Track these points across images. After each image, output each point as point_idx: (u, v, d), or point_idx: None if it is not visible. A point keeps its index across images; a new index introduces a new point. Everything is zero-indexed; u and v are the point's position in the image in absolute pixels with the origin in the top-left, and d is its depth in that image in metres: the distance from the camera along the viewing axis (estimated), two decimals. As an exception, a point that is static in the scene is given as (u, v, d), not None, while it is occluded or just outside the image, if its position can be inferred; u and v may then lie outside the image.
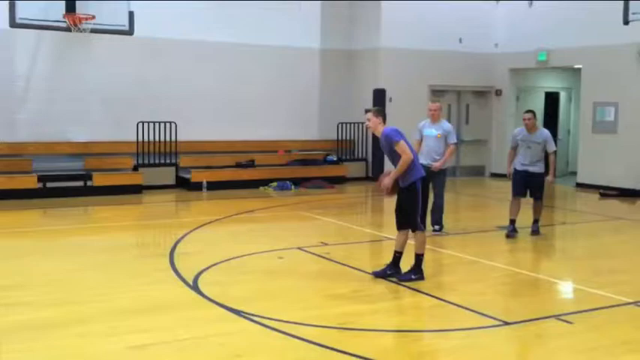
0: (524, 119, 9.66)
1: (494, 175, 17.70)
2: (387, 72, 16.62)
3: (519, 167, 9.71)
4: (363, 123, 16.16)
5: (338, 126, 16.84)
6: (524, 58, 16.92)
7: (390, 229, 10.06)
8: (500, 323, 5.81)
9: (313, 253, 8.42)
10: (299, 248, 8.69)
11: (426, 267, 7.29)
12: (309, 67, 17.14)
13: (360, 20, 17.18)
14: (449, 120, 12.44)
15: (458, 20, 17.07)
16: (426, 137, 9.67)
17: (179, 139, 14.97)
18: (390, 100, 16.34)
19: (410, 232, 7.11)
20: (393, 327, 6.02)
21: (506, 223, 9.76)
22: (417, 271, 7.09)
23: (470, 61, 17.40)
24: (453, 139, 9.65)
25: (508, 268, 8.02)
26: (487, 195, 15.48)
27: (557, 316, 5.98)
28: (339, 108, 17.19)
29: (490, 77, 17.86)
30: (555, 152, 9.78)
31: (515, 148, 9.85)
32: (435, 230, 9.67)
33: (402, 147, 6.92)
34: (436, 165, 9.43)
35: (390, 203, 10.81)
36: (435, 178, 9.45)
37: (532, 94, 18.00)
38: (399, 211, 7.16)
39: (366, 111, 7.33)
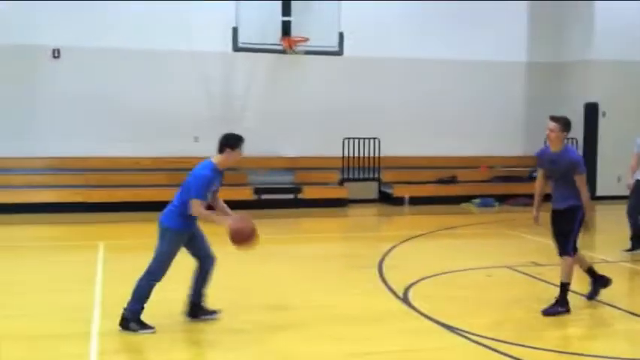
0: None
1: None
2: (600, 85, 15.73)
3: None
4: (571, 139, 15.64)
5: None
6: None
7: (605, 250, 9.54)
8: None
9: (524, 273, 8.19)
10: (508, 267, 8.50)
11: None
12: (515, 80, 16.74)
13: (570, 30, 16.43)
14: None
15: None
16: None
17: (382, 154, 15.31)
18: (604, 114, 15.44)
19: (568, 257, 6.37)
20: (618, 354, 5.58)
21: None
22: (562, 303, 6.37)
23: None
24: None
25: None
26: None
27: None
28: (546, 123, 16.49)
29: None
30: None
31: None
32: None
33: (583, 180, 6.26)
34: None
35: (606, 223, 10.26)
36: None
37: None
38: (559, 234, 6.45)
39: (552, 119, 6.40)
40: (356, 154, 15.21)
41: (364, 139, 15.26)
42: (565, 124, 6.31)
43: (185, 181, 5.84)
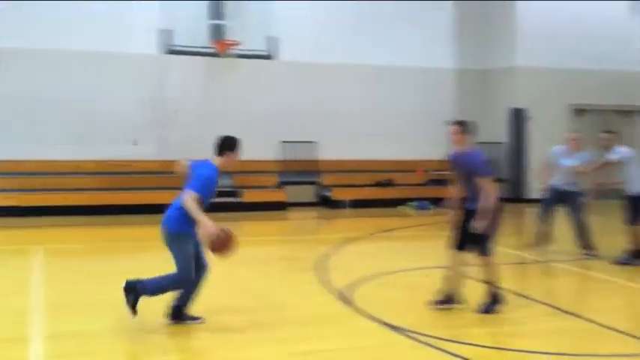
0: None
1: None
2: (524, 91, 16.39)
3: None
4: (500, 143, 16.22)
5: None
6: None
7: (537, 250, 9.98)
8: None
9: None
10: (444, 267, 8.78)
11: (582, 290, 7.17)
12: (446, 86, 17.24)
13: (495, 39, 17.05)
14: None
15: (596, 37, 16.52)
16: (561, 165, 9.67)
17: (320, 158, 15.54)
18: (530, 118, 16.09)
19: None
20: (550, 349, 5.77)
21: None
22: (493, 301, 6.64)
23: (611, 80, 16.75)
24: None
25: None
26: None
27: None
28: (478, 128, 17.04)
29: (634, 96, 17.09)
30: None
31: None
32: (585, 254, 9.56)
33: (488, 183, 6.40)
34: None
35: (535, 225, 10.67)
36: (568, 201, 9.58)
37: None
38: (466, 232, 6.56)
39: (453, 122, 6.69)
40: (294, 158, 15.38)
41: (302, 142, 15.44)
42: (465, 126, 6.57)
43: (189, 183, 5.76)
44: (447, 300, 6.78)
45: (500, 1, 16.82)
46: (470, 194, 6.57)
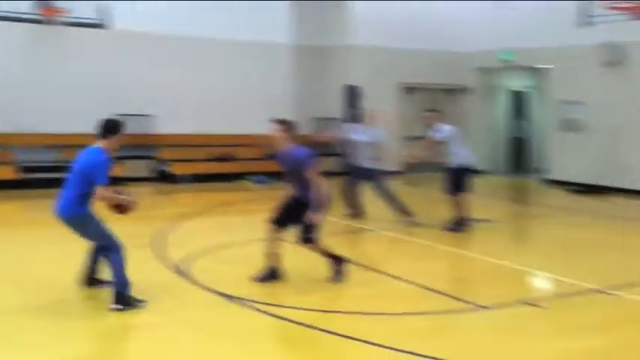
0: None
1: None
2: (358, 69, 17.00)
3: None
4: (334, 119, 16.78)
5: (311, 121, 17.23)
6: (491, 58, 17.36)
7: (372, 222, 10.52)
8: (476, 307, 6.24)
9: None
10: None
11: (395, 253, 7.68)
12: (282, 62, 17.45)
13: (331, 18, 17.51)
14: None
15: (427, 19, 17.39)
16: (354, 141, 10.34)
17: (158, 132, 15.24)
18: (365, 96, 16.74)
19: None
20: (373, 310, 6.26)
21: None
22: (337, 272, 6.95)
23: (439, 60, 17.76)
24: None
25: (482, 257, 8.49)
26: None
27: (526, 302, 6.37)
28: (313, 104, 17.55)
29: (459, 75, 18.32)
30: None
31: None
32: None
33: (314, 174, 6.69)
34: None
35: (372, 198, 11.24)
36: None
37: (499, 93, 18.53)
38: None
39: (275, 121, 6.79)
40: (130, 132, 14.91)
41: (138, 116, 15.02)
42: (288, 125, 6.81)
43: (75, 170, 6.03)
44: (269, 275, 6.96)
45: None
46: (299, 188, 6.83)
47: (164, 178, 15.14)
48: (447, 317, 6.08)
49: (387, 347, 5.07)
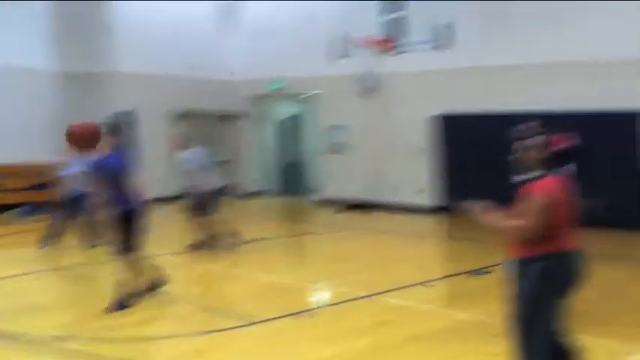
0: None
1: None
2: (127, 96, 16.60)
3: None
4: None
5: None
6: (260, 86, 18.02)
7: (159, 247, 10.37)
8: (248, 324, 6.40)
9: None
10: (53, 270, 8.69)
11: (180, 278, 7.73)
12: (49, 89, 16.41)
13: (94, 42, 16.95)
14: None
15: (193, 48, 17.61)
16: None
17: None
18: (135, 122, 16.39)
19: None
20: (151, 335, 6.36)
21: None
22: (127, 298, 6.84)
23: (208, 87, 17.97)
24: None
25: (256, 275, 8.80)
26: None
27: (296, 313, 6.70)
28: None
29: (231, 102, 18.71)
30: None
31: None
32: None
33: (129, 182, 6.69)
34: None
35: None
36: None
37: (271, 119, 19.31)
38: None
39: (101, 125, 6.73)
40: None
41: None
42: (111, 128, 6.72)
43: None
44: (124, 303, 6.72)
45: (97, 1, 16.78)
46: (114, 197, 6.59)
47: None
48: (219, 335, 6.12)
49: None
